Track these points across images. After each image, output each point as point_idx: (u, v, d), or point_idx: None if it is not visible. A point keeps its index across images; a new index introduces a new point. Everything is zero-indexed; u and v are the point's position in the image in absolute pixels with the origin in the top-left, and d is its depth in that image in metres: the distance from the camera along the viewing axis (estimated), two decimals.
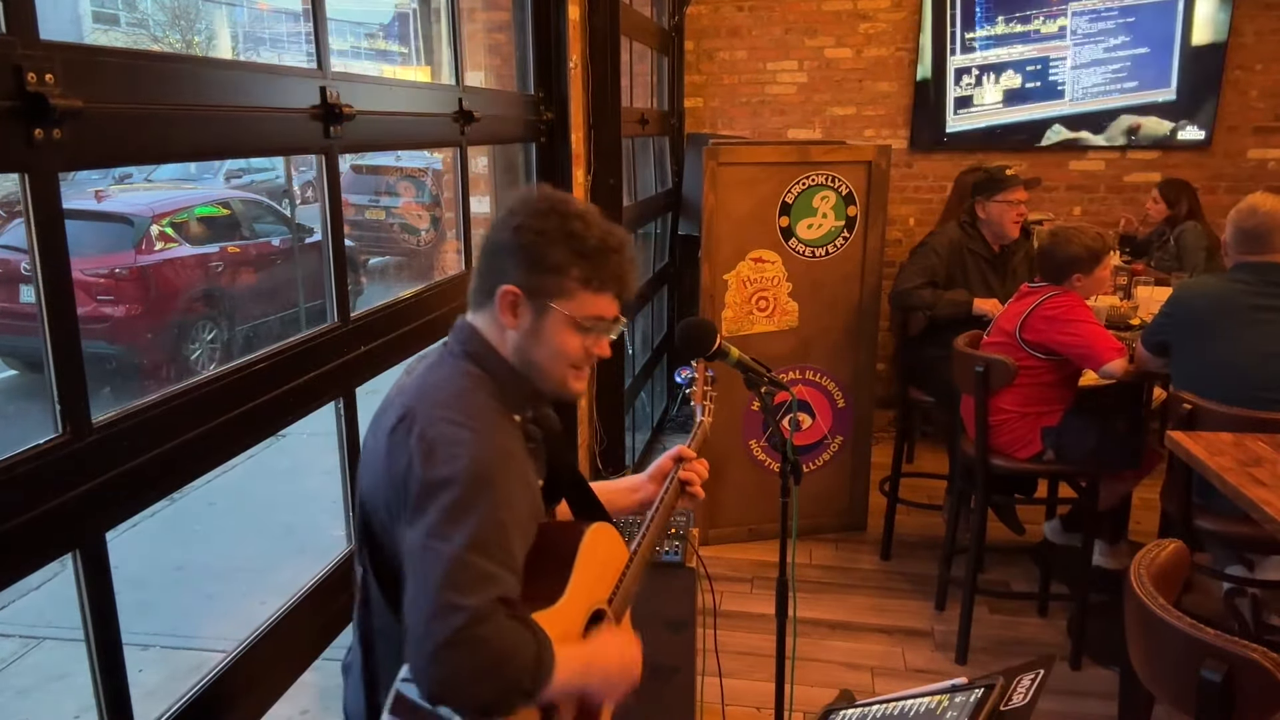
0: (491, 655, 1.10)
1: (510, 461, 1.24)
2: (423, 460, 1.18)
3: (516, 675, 1.12)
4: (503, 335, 1.32)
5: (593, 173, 3.43)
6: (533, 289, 1.28)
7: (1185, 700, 1.34)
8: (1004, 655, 2.94)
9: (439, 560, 1.12)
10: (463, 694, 1.11)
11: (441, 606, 1.09)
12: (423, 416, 1.23)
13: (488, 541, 1.14)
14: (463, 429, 1.21)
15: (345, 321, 1.89)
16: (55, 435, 1.18)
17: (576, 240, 1.28)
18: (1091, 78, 4.86)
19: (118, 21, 14.42)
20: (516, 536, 1.20)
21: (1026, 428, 2.91)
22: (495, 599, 1.11)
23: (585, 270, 1.29)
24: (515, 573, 1.18)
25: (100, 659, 1.27)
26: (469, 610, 1.09)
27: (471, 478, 1.17)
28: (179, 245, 6.57)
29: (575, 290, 1.29)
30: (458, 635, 1.08)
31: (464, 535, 1.13)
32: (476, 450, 1.19)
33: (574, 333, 1.31)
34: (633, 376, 4.35)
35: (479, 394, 1.28)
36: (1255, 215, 2.52)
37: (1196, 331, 2.59)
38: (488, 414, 1.26)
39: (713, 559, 3.56)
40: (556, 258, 1.27)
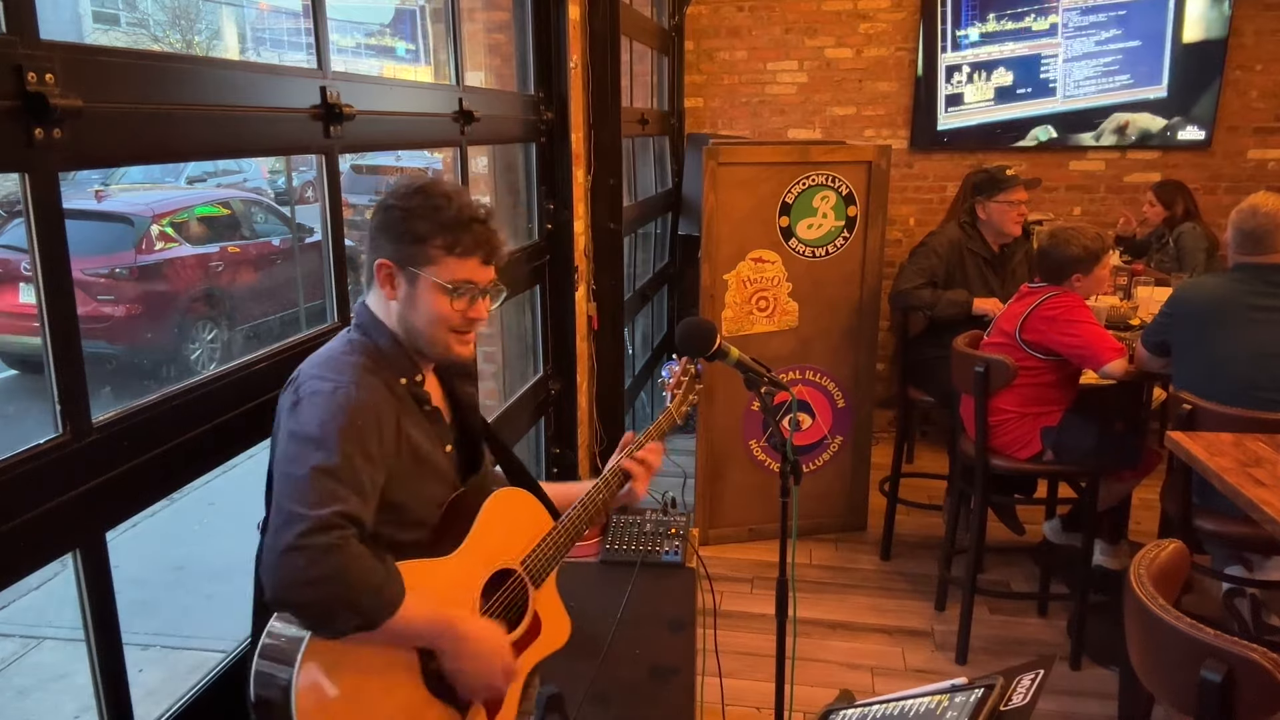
0: (330, 563, 1.17)
1: (365, 408, 1.32)
2: (290, 408, 1.32)
3: (354, 592, 1.18)
4: (388, 308, 1.44)
5: (593, 173, 3.43)
6: (402, 259, 1.41)
7: (1185, 700, 1.34)
8: (1004, 655, 2.94)
9: (288, 481, 1.23)
10: (298, 597, 1.17)
11: (288, 516, 1.19)
12: (301, 376, 1.37)
13: (334, 469, 1.24)
14: (325, 381, 1.33)
15: (345, 321, 1.89)
16: (55, 435, 1.18)
17: (439, 213, 1.40)
18: (1083, 70, 4.86)
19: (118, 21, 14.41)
20: (367, 471, 1.28)
21: (1026, 428, 2.91)
22: (339, 512, 1.20)
23: (447, 238, 1.39)
24: (366, 502, 1.27)
25: (100, 659, 1.27)
26: (311, 518, 1.18)
27: (324, 417, 1.28)
28: (179, 245, 6.57)
29: (440, 257, 1.40)
30: (299, 539, 1.17)
31: (313, 461, 1.23)
32: (331, 399, 1.30)
33: (445, 296, 1.41)
34: (633, 376, 4.35)
35: (353, 356, 1.40)
36: (1256, 216, 2.52)
37: (1197, 331, 2.59)
38: (354, 370, 1.37)
39: (713, 559, 3.55)
40: (420, 229, 1.39)
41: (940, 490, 3.98)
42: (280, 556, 1.17)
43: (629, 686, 1.82)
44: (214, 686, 1.48)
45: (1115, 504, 3.13)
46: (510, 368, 3.37)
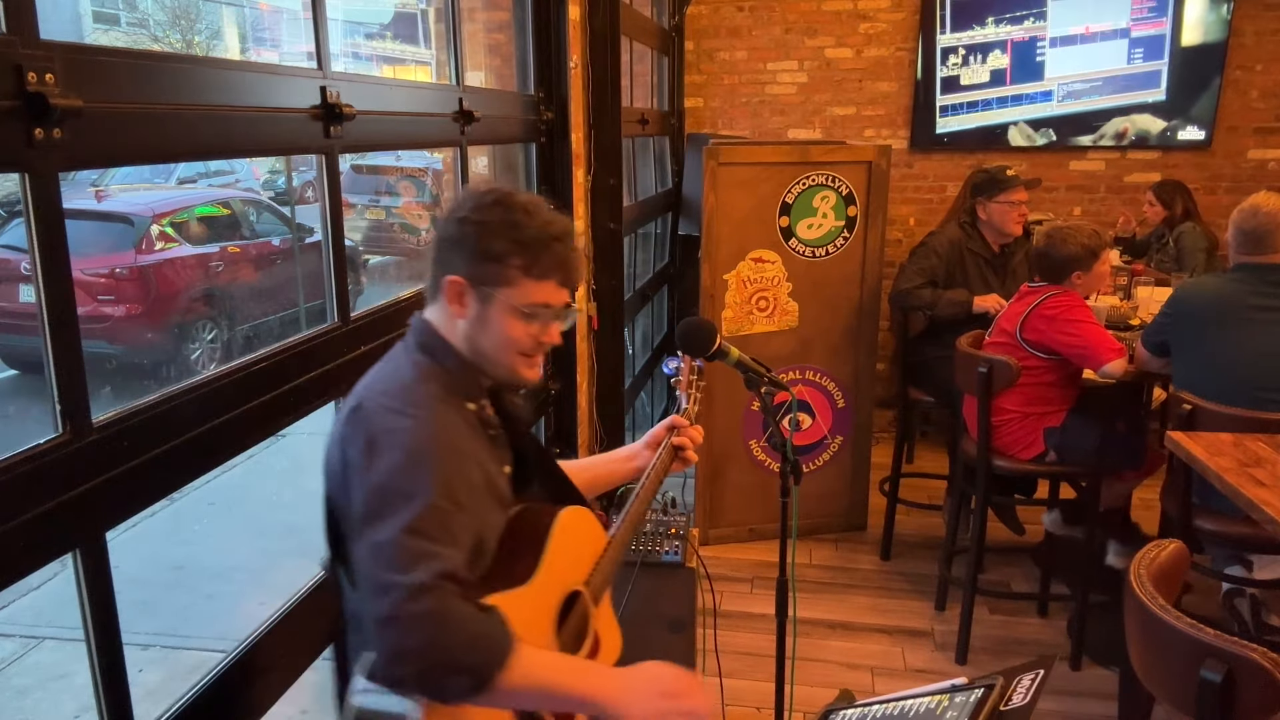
0: (431, 630, 1.10)
1: (450, 447, 1.26)
2: (365, 453, 1.22)
3: (459, 653, 1.11)
4: (453, 326, 1.35)
5: (593, 173, 3.43)
6: (476, 278, 1.32)
7: (1185, 700, 1.34)
8: (1004, 655, 2.94)
9: (377, 545, 1.15)
10: (403, 670, 1.11)
11: (380, 585, 1.12)
12: (369, 406, 1.27)
13: (425, 524, 1.16)
14: (402, 417, 1.24)
15: (345, 321, 1.89)
16: (55, 435, 1.18)
17: (518, 230, 1.31)
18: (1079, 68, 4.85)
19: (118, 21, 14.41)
20: (459, 519, 1.21)
21: (1028, 428, 2.91)
22: (436, 574, 1.12)
23: (526, 258, 1.31)
24: (460, 551, 1.19)
25: (100, 659, 1.27)
26: (405, 586, 1.11)
27: (407, 464, 1.20)
28: (179, 245, 6.57)
29: (517, 278, 1.32)
30: (394, 609, 1.10)
31: (400, 519, 1.15)
32: (412, 438, 1.22)
33: (519, 320, 1.33)
34: (633, 376, 4.35)
35: (425, 384, 1.31)
36: (1257, 215, 2.52)
37: (1197, 331, 2.59)
38: (429, 402, 1.28)
39: (713, 559, 3.55)
40: (498, 247, 1.30)
41: (940, 490, 3.98)
42: (379, 630, 1.11)
43: None
44: (214, 686, 1.48)
45: (1120, 504, 3.13)
46: None
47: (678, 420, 1.72)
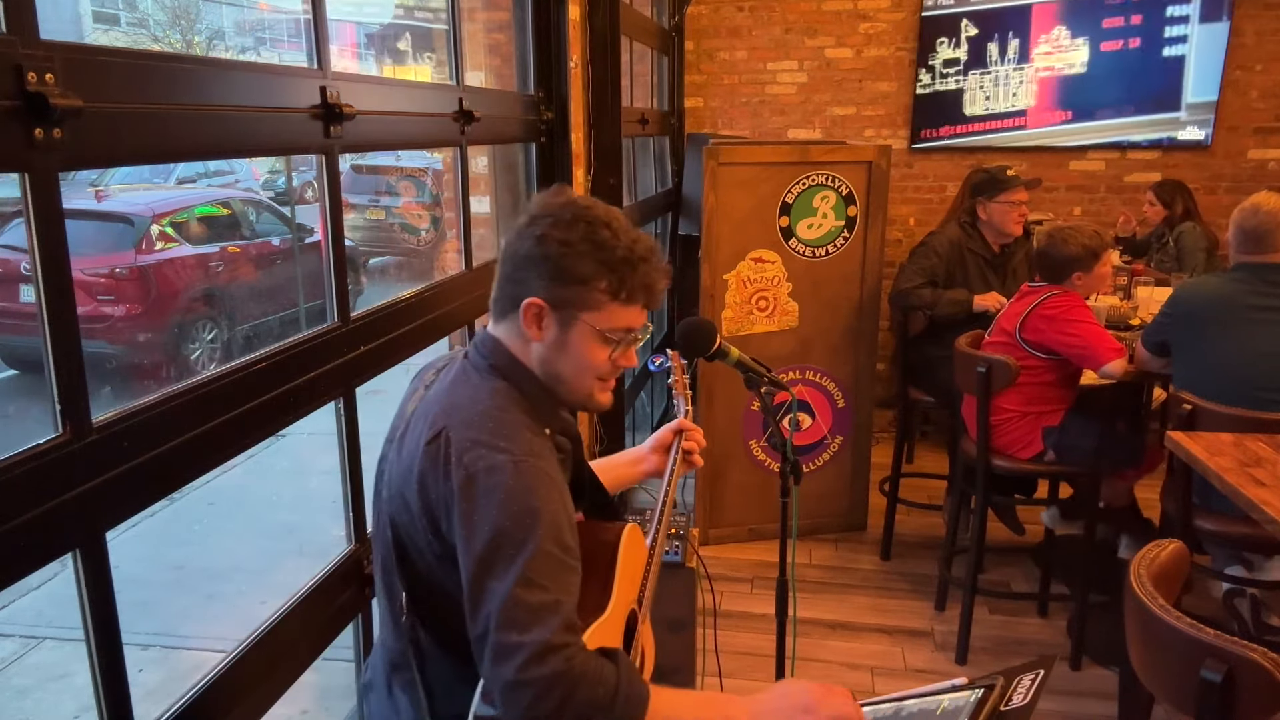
0: (561, 690, 1.07)
1: (551, 485, 1.20)
2: (463, 490, 1.16)
3: (596, 710, 1.09)
4: (526, 347, 1.29)
5: (593, 173, 3.43)
6: (559, 301, 1.24)
7: (1185, 700, 1.34)
8: (1004, 655, 2.94)
9: (493, 599, 1.10)
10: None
11: (500, 648, 1.08)
12: (457, 439, 1.19)
13: (540, 574, 1.11)
14: (499, 454, 1.17)
15: (345, 321, 1.89)
16: (55, 435, 1.18)
17: (604, 251, 1.23)
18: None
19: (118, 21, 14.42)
20: (568, 560, 1.17)
21: (1028, 428, 2.91)
22: (558, 629, 1.09)
23: (613, 282, 1.24)
24: (574, 596, 1.15)
25: (100, 659, 1.27)
26: (529, 646, 1.07)
27: (515, 510, 1.14)
28: (179, 245, 6.57)
29: (603, 302, 1.25)
30: (520, 674, 1.06)
31: (515, 571, 1.10)
32: (516, 479, 1.16)
33: (601, 345, 1.27)
34: (633, 376, 4.35)
35: (511, 412, 1.24)
36: (1258, 214, 2.52)
37: (1196, 331, 2.59)
38: (522, 433, 1.22)
39: (713, 559, 3.55)
40: (584, 269, 1.23)
41: (940, 490, 3.98)
42: (508, 693, 1.07)
43: None
44: (214, 686, 1.48)
45: (1122, 501, 3.12)
46: None
47: (685, 424, 1.70)
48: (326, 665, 1.81)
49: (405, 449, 1.26)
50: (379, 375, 1.98)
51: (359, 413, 1.90)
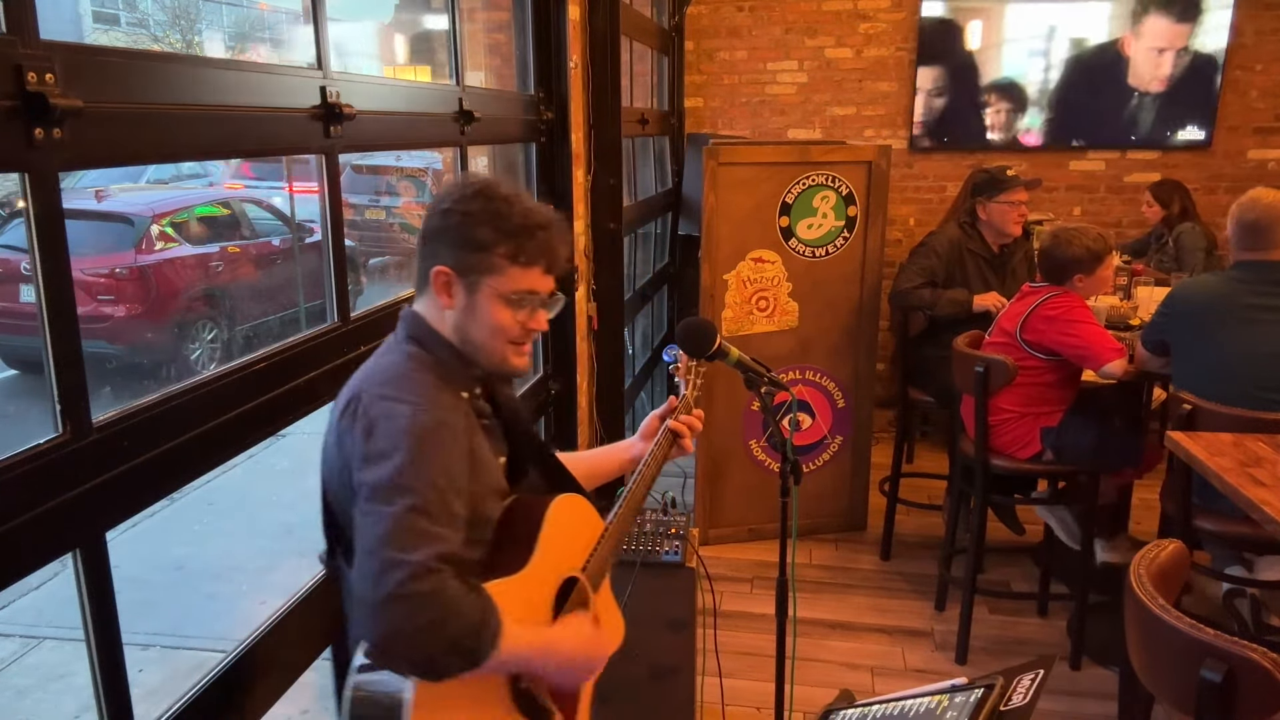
0: (433, 609, 1.13)
1: (447, 431, 1.28)
2: (364, 437, 1.24)
3: (457, 634, 1.15)
4: (442, 316, 1.38)
5: (593, 173, 3.43)
6: (463, 267, 1.34)
7: (1185, 700, 1.34)
8: (1004, 655, 2.94)
9: (382, 522, 1.17)
10: (406, 645, 1.14)
11: (384, 563, 1.14)
12: (366, 397, 1.29)
13: (428, 505, 1.19)
14: (400, 404, 1.26)
15: (345, 321, 1.89)
16: (55, 435, 1.18)
17: (501, 219, 1.33)
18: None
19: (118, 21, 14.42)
20: (456, 501, 1.24)
21: (1026, 428, 2.91)
22: (437, 555, 1.15)
23: (511, 246, 1.33)
24: (459, 533, 1.23)
25: (100, 659, 1.27)
26: (411, 564, 1.13)
27: (409, 446, 1.22)
28: (179, 245, 6.57)
29: (503, 266, 1.34)
30: (401, 588, 1.12)
31: (405, 500, 1.18)
32: (412, 422, 1.24)
33: (506, 307, 1.35)
34: (633, 376, 4.35)
35: (419, 373, 1.33)
36: (1257, 208, 2.51)
37: (1194, 330, 2.59)
38: (426, 389, 1.31)
39: (713, 559, 3.55)
40: (483, 236, 1.32)
41: (940, 490, 3.98)
42: (380, 608, 1.13)
43: (629, 686, 1.82)
44: (214, 686, 1.48)
45: (1114, 499, 3.13)
46: None
47: (672, 404, 1.74)
48: (326, 665, 1.81)
49: (332, 418, 1.35)
50: None
51: None
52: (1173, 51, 4.78)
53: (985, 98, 4.97)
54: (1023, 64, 4.92)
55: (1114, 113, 4.88)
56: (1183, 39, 4.76)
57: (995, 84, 4.95)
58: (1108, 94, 4.86)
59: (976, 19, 4.90)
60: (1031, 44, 4.90)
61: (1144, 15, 4.76)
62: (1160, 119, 4.85)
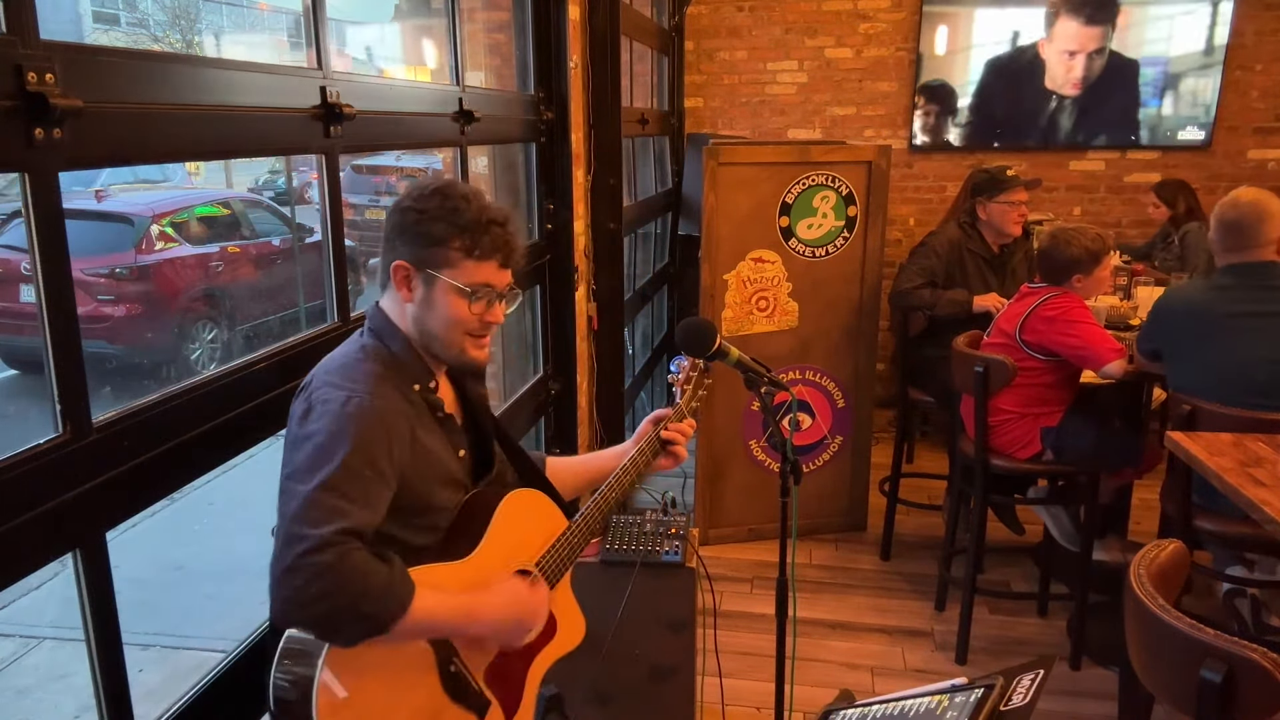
0: (331, 579, 1.16)
1: (375, 417, 1.30)
2: (300, 417, 1.31)
3: (356, 598, 1.17)
4: (403, 311, 1.43)
5: (593, 173, 3.43)
6: (420, 261, 1.40)
7: (1185, 700, 1.34)
8: (1004, 655, 2.94)
9: (294, 498, 1.22)
10: (302, 613, 1.17)
11: (289, 536, 1.18)
12: (315, 383, 1.35)
13: (342, 483, 1.22)
14: (340, 390, 1.31)
15: (345, 321, 1.89)
16: (55, 435, 1.18)
17: (456, 215, 1.38)
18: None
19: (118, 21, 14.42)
20: (376, 486, 1.27)
21: (1026, 428, 2.91)
22: (341, 529, 1.18)
23: (466, 241, 1.38)
24: (372, 514, 1.25)
25: (100, 659, 1.27)
26: (312, 538, 1.17)
27: (334, 429, 1.26)
28: (179, 245, 6.57)
29: (458, 260, 1.39)
30: (298, 560, 1.16)
31: (319, 477, 1.22)
32: (345, 406, 1.28)
33: (462, 299, 1.40)
34: (633, 376, 4.35)
35: (367, 363, 1.38)
36: (1237, 207, 2.51)
37: (1181, 343, 2.58)
38: (369, 378, 1.34)
39: (713, 559, 3.55)
40: (438, 231, 1.38)
41: (940, 490, 3.98)
42: (280, 576, 1.17)
43: (629, 686, 1.82)
44: (214, 686, 1.48)
45: (1112, 499, 3.12)
46: (510, 368, 3.37)
47: (660, 413, 1.76)
48: None
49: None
50: None
51: None
52: (1084, 55, 4.81)
53: (916, 99, 5.02)
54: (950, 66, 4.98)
55: (1031, 116, 4.94)
56: (1095, 42, 4.79)
57: (926, 85, 5.00)
58: (1027, 97, 4.91)
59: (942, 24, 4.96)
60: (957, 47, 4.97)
61: (1055, 19, 4.81)
62: (1078, 123, 4.90)
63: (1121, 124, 4.88)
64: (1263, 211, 2.47)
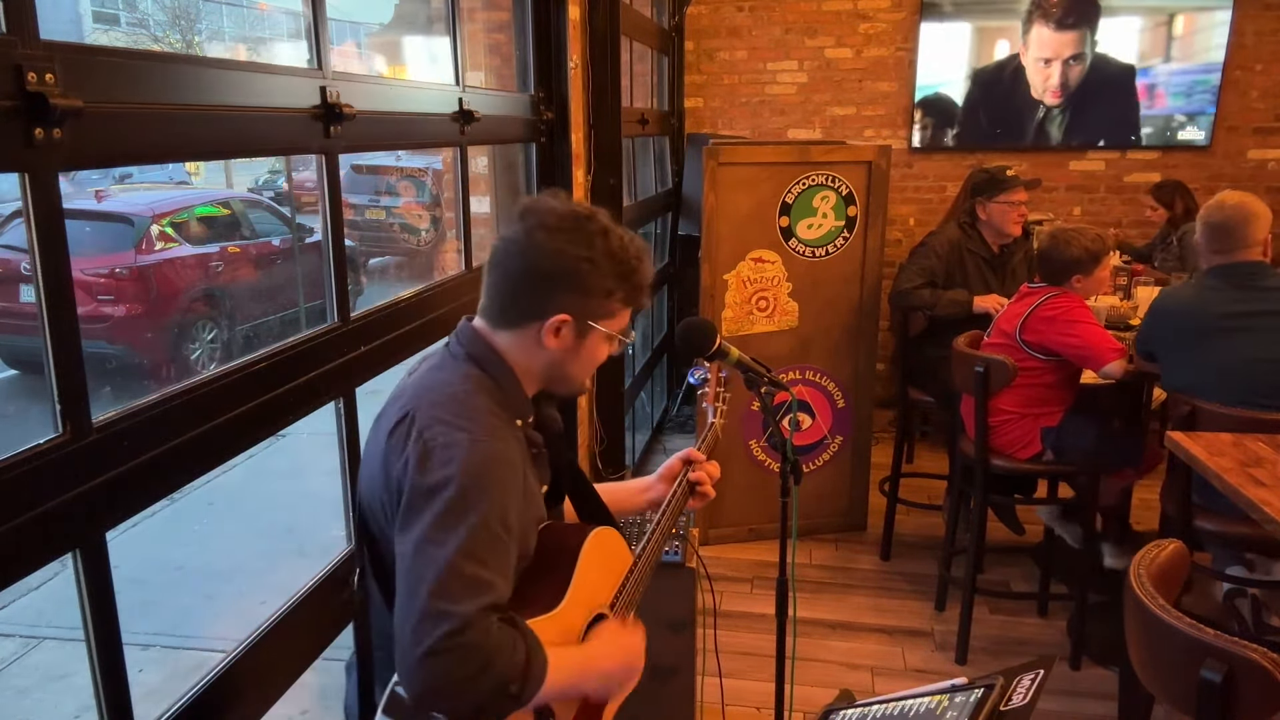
0: (478, 661, 1.10)
1: (507, 467, 1.22)
2: (418, 463, 1.18)
3: (503, 680, 1.12)
4: (531, 352, 1.32)
5: (593, 173, 3.43)
6: (584, 314, 1.30)
7: (1185, 700, 1.34)
8: (1004, 655, 2.94)
9: (431, 565, 1.12)
10: (449, 699, 1.11)
11: (430, 612, 1.10)
12: (421, 418, 1.22)
13: (480, 548, 1.14)
14: (459, 432, 1.20)
15: (345, 321, 1.89)
16: (55, 435, 1.18)
17: (620, 264, 1.30)
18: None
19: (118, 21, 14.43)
20: (510, 543, 1.20)
21: (1026, 428, 2.91)
22: (485, 606, 1.12)
23: (627, 291, 1.32)
24: (507, 580, 1.19)
25: (100, 659, 1.27)
26: (457, 616, 1.09)
27: (466, 482, 1.16)
28: (179, 245, 6.57)
29: (618, 310, 1.33)
30: (445, 642, 1.08)
31: (457, 540, 1.13)
32: (471, 454, 1.18)
33: (609, 345, 1.36)
34: (633, 376, 4.35)
35: (479, 397, 1.26)
36: (1223, 210, 2.52)
37: (1176, 346, 2.58)
38: (486, 417, 1.24)
39: (713, 559, 3.55)
40: (606, 284, 1.29)
41: (940, 490, 3.98)
42: (421, 661, 1.09)
43: None
44: (214, 686, 1.48)
45: (1116, 501, 3.12)
46: None
47: (693, 454, 1.70)
48: (326, 665, 1.81)
49: (380, 431, 1.29)
50: (379, 375, 1.98)
51: (359, 413, 1.90)
52: (1059, 62, 4.80)
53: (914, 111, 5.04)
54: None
55: (1019, 125, 4.95)
56: (1070, 48, 4.78)
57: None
58: (1013, 107, 4.93)
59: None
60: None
61: (1029, 26, 4.82)
62: (1069, 131, 4.90)
63: (1113, 131, 4.88)
64: (1248, 214, 2.49)
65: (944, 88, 4.96)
